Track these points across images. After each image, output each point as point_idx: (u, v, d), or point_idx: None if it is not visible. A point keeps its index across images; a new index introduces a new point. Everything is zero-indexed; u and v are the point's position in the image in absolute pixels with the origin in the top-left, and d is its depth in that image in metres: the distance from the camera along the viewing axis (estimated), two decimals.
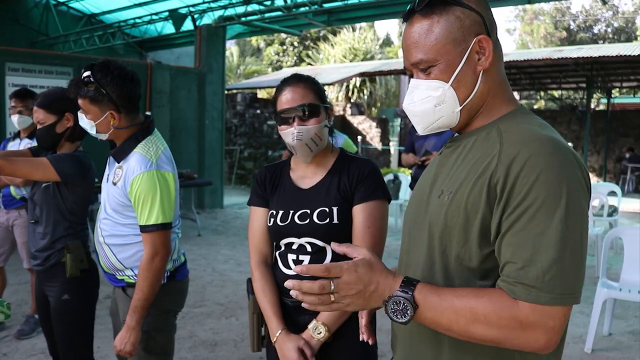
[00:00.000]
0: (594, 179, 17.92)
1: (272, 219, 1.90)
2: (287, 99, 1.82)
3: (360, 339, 1.36)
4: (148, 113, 2.33)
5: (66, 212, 2.43)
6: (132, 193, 2.07)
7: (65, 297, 2.42)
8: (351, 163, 1.91)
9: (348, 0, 9.03)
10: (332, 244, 1.16)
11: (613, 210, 7.62)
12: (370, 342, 1.37)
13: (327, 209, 1.83)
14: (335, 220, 1.82)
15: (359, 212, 1.83)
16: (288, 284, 1.07)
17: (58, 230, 2.43)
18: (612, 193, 8.00)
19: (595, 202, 7.01)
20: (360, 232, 1.82)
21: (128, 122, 2.14)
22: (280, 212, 1.88)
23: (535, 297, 1.00)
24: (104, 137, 2.16)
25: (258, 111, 15.23)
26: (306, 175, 1.94)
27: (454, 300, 1.05)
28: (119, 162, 2.15)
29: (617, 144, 17.79)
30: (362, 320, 1.35)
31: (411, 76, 1.21)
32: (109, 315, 2.43)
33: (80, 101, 2.10)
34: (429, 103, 1.16)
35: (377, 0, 8.99)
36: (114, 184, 2.13)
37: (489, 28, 1.15)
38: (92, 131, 2.15)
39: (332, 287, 1.04)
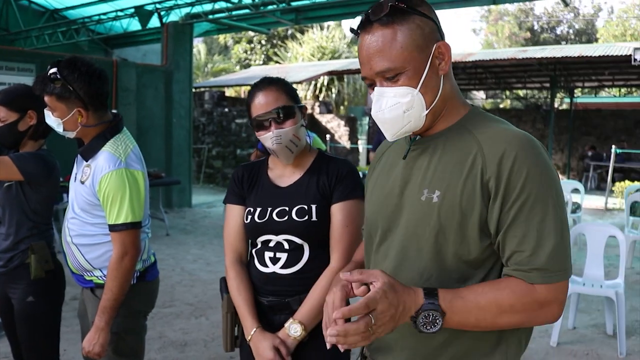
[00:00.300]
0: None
1: (249, 216, 1.89)
2: (261, 103, 1.82)
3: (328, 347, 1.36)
4: (114, 111, 2.29)
5: (30, 212, 2.37)
6: (100, 192, 2.03)
7: (29, 299, 2.36)
8: (329, 163, 1.93)
9: None
10: (343, 274, 1.13)
11: (576, 207, 7.81)
12: (341, 349, 1.37)
13: (305, 207, 1.84)
14: (314, 218, 1.83)
15: (338, 211, 1.84)
16: (332, 333, 1.06)
17: (21, 231, 2.36)
18: (576, 190, 8.20)
19: None
20: (339, 230, 1.83)
21: (96, 120, 2.10)
22: (258, 210, 1.88)
23: (549, 278, 1.12)
24: (71, 135, 2.12)
25: (226, 109, 15.12)
26: (284, 174, 1.94)
27: (478, 299, 1.12)
28: (87, 161, 2.11)
29: (579, 142, 18.22)
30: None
31: (370, 85, 1.23)
32: (75, 317, 2.38)
33: (46, 98, 2.05)
34: (398, 110, 1.18)
35: (344, 0, 9.02)
36: (82, 182, 2.09)
37: (442, 34, 1.21)
38: (59, 129, 2.10)
39: (372, 321, 1.06)
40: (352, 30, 1.23)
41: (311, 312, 1.79)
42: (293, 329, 1.78)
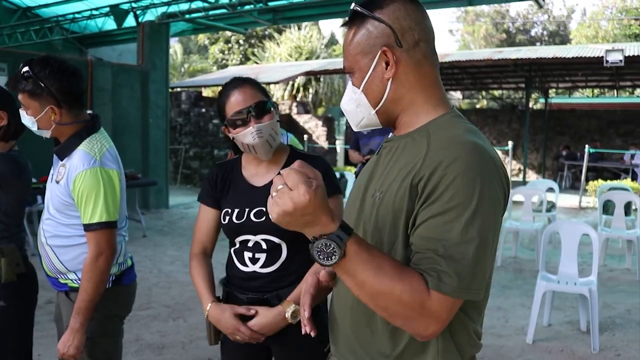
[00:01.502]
0: (533, 175, 18.58)
1: (227, 217, 1.91)
2: (238, 100, 1.83)
3: (303, 332, 1.37)
4: (89, 111, 2.26)
5: (0, 214, 2.32)
6: (74, 191, 2.00)
7: (0, 304, 2.31)
8: (304, 160, 1.91)
9: None
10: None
11: (551, 206, 7.92)
12: (312, 334, 1.38)
13: None
14: None
15: None
16: None
17: None
18: (550, 189, 8.32)
19: (534, 199, 7.27)
20: None
21: (71, 118, 2.07)
22: (236, 210, 1.89)
23: (441, 287, 1.05)
24: (47, 134, 2.09)
25: (203, 110, 15.02)
26: (258, 173, 1.95)
27: (381, 265, 1.06)
28: (62, 160, 2.08)
29: (554, 142, 18.49)
30: (305, 313, 1.36)
31: None
32: (50, 322, 2.35)
33: (20, 96, 2.03)
34: (352, 104, 1.28)
35: (322, 0, 9.03)
36: (57, 182, 2.06)
37: (399, 39, 1.20)
38: (34, 128, 2.07)
39: (274, 193, 1.04)
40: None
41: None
42: (293, 315, 1.80)
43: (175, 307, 4.85)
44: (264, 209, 1.85)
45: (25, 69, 1.98)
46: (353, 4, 1.21)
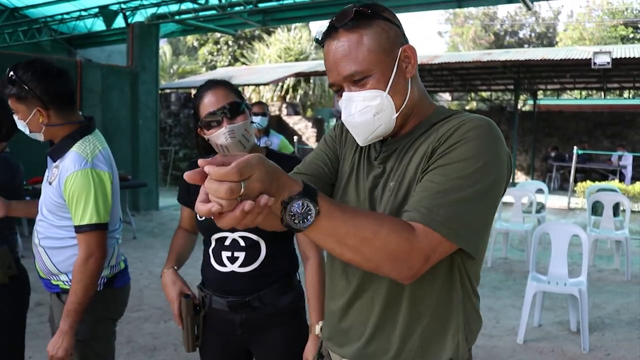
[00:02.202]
0: (522, 177, 18.69)
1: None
2: (211, 102, 1.84)
3: None
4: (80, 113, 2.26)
5: None
6: (66, 192, 2.00)
7: None
8: (281, 161, 1.91)
9: (283, 1, 9.03)
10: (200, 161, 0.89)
11: (541, 207, 7.97)
12: None
13: None
14: None
15: None
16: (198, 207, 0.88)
17: None
18: (540, 191, 8.37)
19: (524, 200, 7.31)
20: None
21: (61, 120, 2.06)
22: None
23: (431, 222, 1.05)
24: (40, 137, 2.09)
25: (193, 111, 14.95)
26: None
27: (356, 214, 1.03)
28: (55, 161, 2.08)
29: (543, 143, 18.62)
30: None
31: (337, 91, 1.23)
32: (40, 324, 2.34)
33: (9, 101, 2.04)
34: (368, 113, 1.19)
35: (312, 1, 9.04)
36: (50, 183, 2.06)
37: (406, 39, 1.23)
38: (26, 131, 2.08)
39: (242, 190, 0.86)
40: (316, 40, 1.23)
41: (322, 309, 1.80)
42: (316, 329, 1.81)
43: (166, 309, 4.83)
44: None
45: (11, 73, 1.99)
46: (352, 7, 1.18)
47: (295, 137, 16.15)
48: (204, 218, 1.90)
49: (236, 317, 1.89)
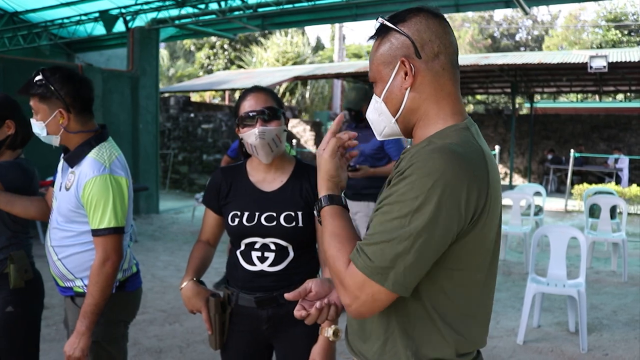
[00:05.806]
0: (519, 179, 18.78)
1: (236, 219, 2.00)
2: (251, 103, 1.97)
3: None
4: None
5: (9, 221, 2.36)
6: (84, 197, 2.06)
7: (9, 309, 2.34)
8: (310, 170, 2.06)
9: (282, 5, 9.10)
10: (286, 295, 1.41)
11: (539, 210, 8.04)
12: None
13: (292, 213, 1.97)
14: (301, 224, 1.97)
15: None
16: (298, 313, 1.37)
17: (0, 241, 2.35)
18: (537, 193, 8.45)
19: (522, 202, 7.38)
20: None
21: (79, 126, 2.13)
22: (246, 214, 1.99)
23: (354, 258, 1.17)
24: (55, 141, 2.14)
25: (192, 115, 15.02)
26: (266, 179, 2.06)
27: (336, 232, 1.27)
28: (72, 167, 2.13)
29: (540, 146, 18.71)
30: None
31: None
32: (48, 326, 2.37)
33: (31, 101, 2.10)
34: (375, 113, 1.35)
35: (310, 6, 9.11)
36: (67, 189, 2.11)
37: (419, 50, 1.24)
38: (43, 133, 2.12)
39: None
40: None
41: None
42: (330, 330, 1.86)
43: (171, 311, 4.89)
44: (274, 214, 1.97)
45: (39, 76, 2.06)
46: (379, 18, 1.29)
47: (294, 141, 16.20)
48: (236, 222, 1.99)
49: (262, 313, 1.99)
